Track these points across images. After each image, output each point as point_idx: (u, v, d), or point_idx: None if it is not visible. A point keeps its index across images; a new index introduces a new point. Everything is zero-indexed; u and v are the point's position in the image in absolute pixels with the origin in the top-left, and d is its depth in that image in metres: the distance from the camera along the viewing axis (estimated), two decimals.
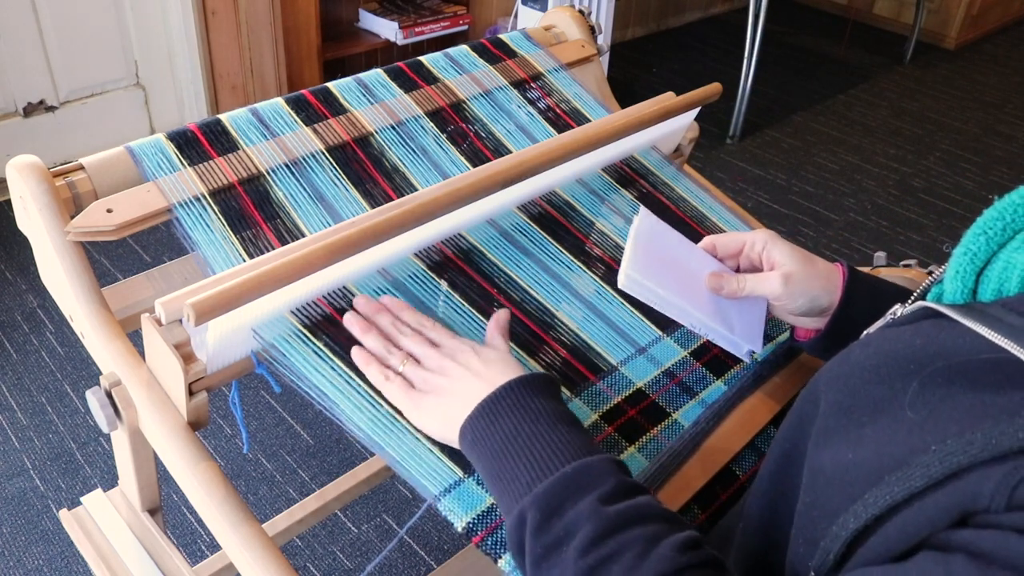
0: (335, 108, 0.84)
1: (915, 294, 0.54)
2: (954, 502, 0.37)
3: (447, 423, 0.58)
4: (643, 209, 0.75)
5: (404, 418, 0.62)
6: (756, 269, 0.72)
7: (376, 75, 0.89)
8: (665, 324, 0.77)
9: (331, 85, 0.86)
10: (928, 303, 0.48)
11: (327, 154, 0.80)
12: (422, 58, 0.93)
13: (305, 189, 0.77)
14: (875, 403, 0.44)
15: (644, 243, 0.71)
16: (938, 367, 0.42)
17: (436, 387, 0.59)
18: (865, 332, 0.55)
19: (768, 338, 0.78)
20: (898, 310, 0.53)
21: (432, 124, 0.87)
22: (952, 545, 0.37)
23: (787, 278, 0.67)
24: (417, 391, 0.60)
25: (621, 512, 0.48)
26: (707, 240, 0.73)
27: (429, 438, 0.62)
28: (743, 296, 0.70)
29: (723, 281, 0.70)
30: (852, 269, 0.69)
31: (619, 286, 0.68)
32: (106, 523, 0.87)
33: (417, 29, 2.63)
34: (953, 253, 0.48)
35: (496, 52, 0.97)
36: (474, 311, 0.72)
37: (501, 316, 0.67)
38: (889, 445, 0.41)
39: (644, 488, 0.52)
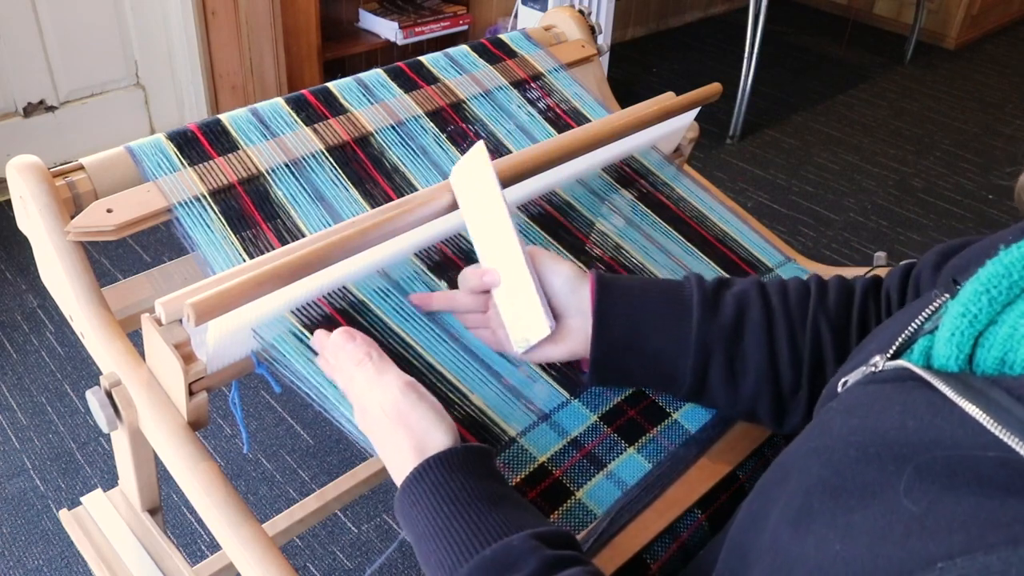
0: (335, 108, 0.84)
1: (895, 345, 0.46)
2: None
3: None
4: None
5: None
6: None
7: (376, 75, 0.89)
8: None
9: (331, 85, 0.86)
10: (915, 369, 0.41)
11: (327, 154, 0.80)
12: (422, 58, 0.93)
13: (305, 189, 0.77)
14: (865, 486, 0.38)
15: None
16: (936, 456, 0.36)
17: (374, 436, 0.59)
18: (840, 381, 0.49)
19: None
20: (879, 363, 0.45)
21: (432, 124, 0.87)
22: None
23: (537, 255, 0.66)
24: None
25: None
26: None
27: None
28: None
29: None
30: (600, 287, 0.64)
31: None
32: (106, 523, 0.87)
33: (417, 29, 2.63)
34: (947, 309, 0.42)
35: (496, 52, 0.97)
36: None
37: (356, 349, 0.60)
38: (885, 542, 0.36)
39: (573, 558, 0.48)
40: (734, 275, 0.84)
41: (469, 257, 0.76)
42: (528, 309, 0.64)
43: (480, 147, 0.67)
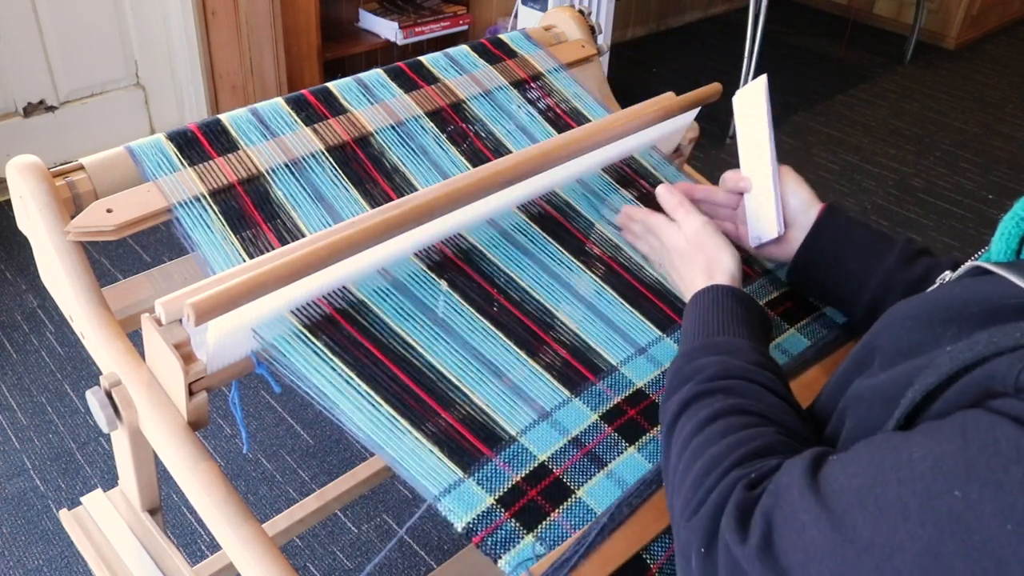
0: (335, 108, 0.84)
1: (966, 265, 0.59)
2: (972, 386, 0.42)
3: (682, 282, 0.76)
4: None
5: (404, 418, 0.62)
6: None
7: (376, 75, 0.89)
8: (665, 324, 0.77)
9: (331, 85, 0.86)
10: (975, 262, 0.52)
11: (327, 154, 0.80)
12: (422, 58, 0.93)
13: (305, 189, 0.77)
14: (915, 346, 0.48)
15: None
16: (973, 311, 0.46)
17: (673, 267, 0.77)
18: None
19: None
20: (947, 276, 0.58)
21: (432, 124, 0.87)
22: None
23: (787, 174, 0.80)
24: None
25: (734, 370, 0.59)
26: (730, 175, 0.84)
27: (429, 438, 0.62)
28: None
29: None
30: (831, 206, 0.78)
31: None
32: (106, 523, 0.87)
33: (417, 29, 2.63)
34: (1002, 219, 0.52)
35: (496, 52, 0.97)
36: (474, 311, 0.72)
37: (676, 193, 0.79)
38: (919, 363, 0.46)
39: (774, 371, 0.60)
40: None
41: (469, 257, 0.76)
42: (767, 214, 0.80)
43: (762, 81, 0.81)
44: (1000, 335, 0.42)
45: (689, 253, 0.74)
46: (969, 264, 0.54)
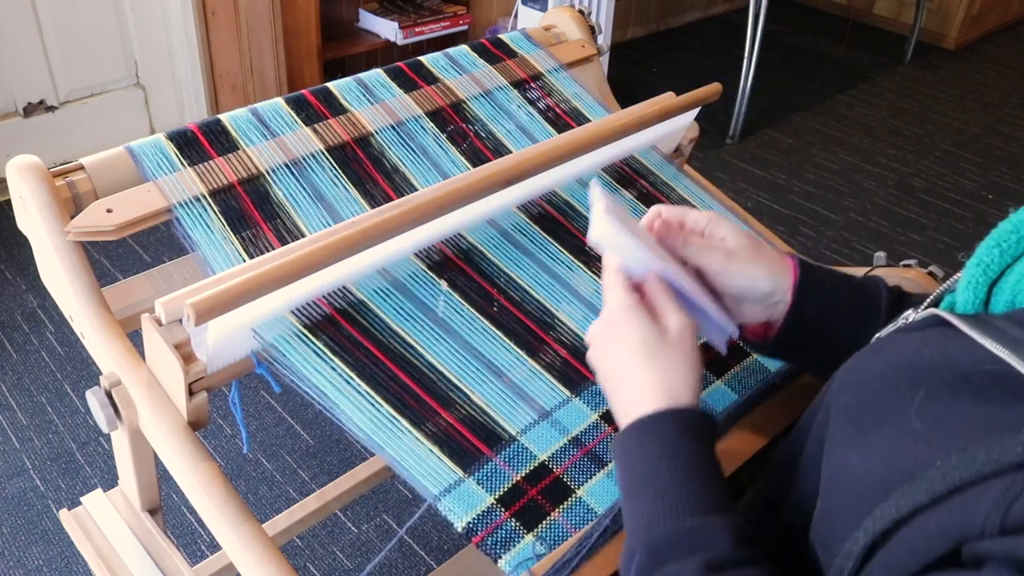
0: (335, 108, 0.84)
1: (928, 300, 0.53)
2: (954, 521, 0.37)
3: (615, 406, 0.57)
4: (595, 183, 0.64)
5: (404, 418, 0.62)
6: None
7: (376, 75, 0.89)
8: None
9: (331, 85, 0.86)
10: (937, 311, 0.48)
11: (327, 154, 0.80)
12: (422, 58, 0.93)
13: (305, 189, 0.77)
14: (882, 411, 0.44)
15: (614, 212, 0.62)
16: (944, 377, 0.42)
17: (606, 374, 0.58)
18: (876, 336, 0.55)
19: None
20: (910, 315, 0.52)
21: (432, 124, 0.87)
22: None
23: (729, 254, 0.63)
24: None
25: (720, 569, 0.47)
26: (654, 208, 0.66)
27: (429, 438, 0.62)
28: (683, 255, 0.64)
29: (669, 226, 0.64)
30: (804, 266, 0.64)
31: (592, 237, 0.60)
32: (106, 523, 0.87)
33: (417, 29, 2.63)
34: (966, 264, 0.48)
35: (496, 52, 0.97)
36: (474, 311, 0.72)
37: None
38: (896, 456, 0.41)
39: (759, 557, 0.48)
40: None
41: (469, 257, 0.76)
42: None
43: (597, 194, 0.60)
44: (1000, 450, 0.37)
45: (612, 353, 0.57)
46: (929, 312, 0.49)
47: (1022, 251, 0.46)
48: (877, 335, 0.55)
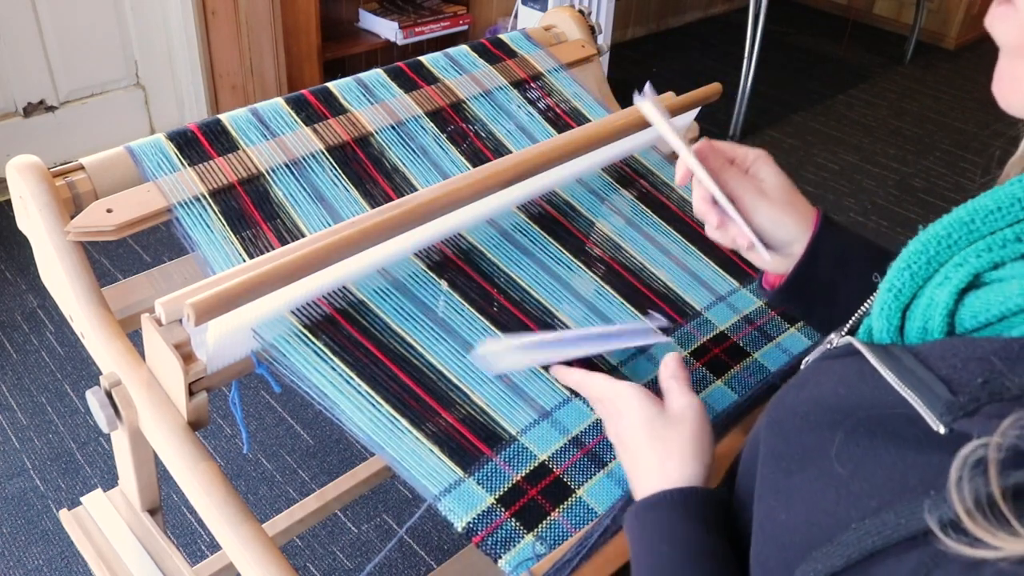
0: (335, 108, 0.84)
1: (850, 322, 0.52)
2: None
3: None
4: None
5: (404, 418, 0.62)
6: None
7: (376, 75, 0.89)
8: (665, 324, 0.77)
9: (331, 85, 0.86)
10: (853, 340, 0.45)
11: (327, 154, 0.80)
12: (422, 58, 0.93)
13: (305, 189, 0.77)
14: (805, 453, 0.42)
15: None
16: (860, 418, 0.40)
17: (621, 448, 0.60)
18: (804, 361, 0.53)
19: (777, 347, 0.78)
20: (833, 339, 0.50)
21: (432, 124, 0.87)
22: None
23: (760, 189, 0.65)
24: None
25: None
26: (703, 143, 0.68)
27: (429, 438, 0.62)
28: (721, 177, 0.65)
29: (713, 147, 0.67)
30: (826, 221, 0.64)
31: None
32: (106, 523, 0.87)
33: (417, 29, 2.63)
34: (879, 288, 0.45)
35: (496, 52, 0.97)
36: (474, 311, 0.72)
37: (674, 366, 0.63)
38: (817, 505, 0.40)
39: None
40: (733, 275, 0.84)
41: (469, 257, 0.76)
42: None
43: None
44: (908, 514, 0.35)
45: (617, 430, 0.60)
46: (845, 340, 0.47)
47: (932, 272, 0.43)
48: (805, 360, 0.53)
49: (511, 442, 0.64)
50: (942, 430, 0.36)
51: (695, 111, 0.92)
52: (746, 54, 2.67)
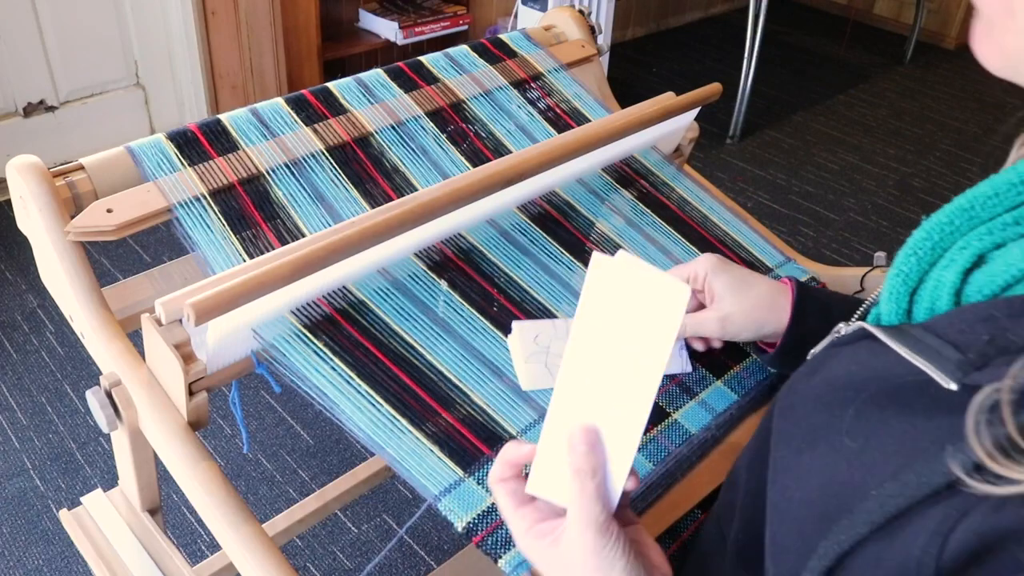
0: (335, 108, 0.84)
1: (857, 313, 0.54)
2: (894, 553, 0.36)
3: None
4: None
5: (404, 418, 0.62)
6: (699, 304, 0.71)
7: (376, 75, 0.89)
8: None
9: (331, 85, 0.86)
10: (864, 324, 0.47)
11: (327, 154, 0.80)
12: (422, 58, 0.93)
13: (305, 189, 0.77)
14: (815, 432, 0.43)
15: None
16: (871, 392, 0.41)
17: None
18: (811, 352, 0.54)
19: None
20: (841, 328, 0.52)
21: (432, 124, 0.87)
22: None
23: (724, 320, 0.67)
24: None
25: None
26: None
27: (429, 438, 0.62)
28: (683, 337, 0.69)
29: None
30: (800, 287, 0.67)
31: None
32: (106, 523, 0.87)
33: (417, 29, 2.63)
34: (887, 275, 0.48)
35: (496, 52, 0.97)
36: (474, 311, 0.72)
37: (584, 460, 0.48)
38: (831, 478, 0.41)
39: None
40: None
41: (469, 256, 0.76)
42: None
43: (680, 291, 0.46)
44: (929, 472, 0.36)
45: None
46: (858, 325, 0.48)
47: (936, 257, 0.45)
48: (812, 351, 0.54)
49: None
50: (954, 387, 0.37)
51: (695, 111, 0.92)
52: (746, 54, 2.67)
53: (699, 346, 0.73)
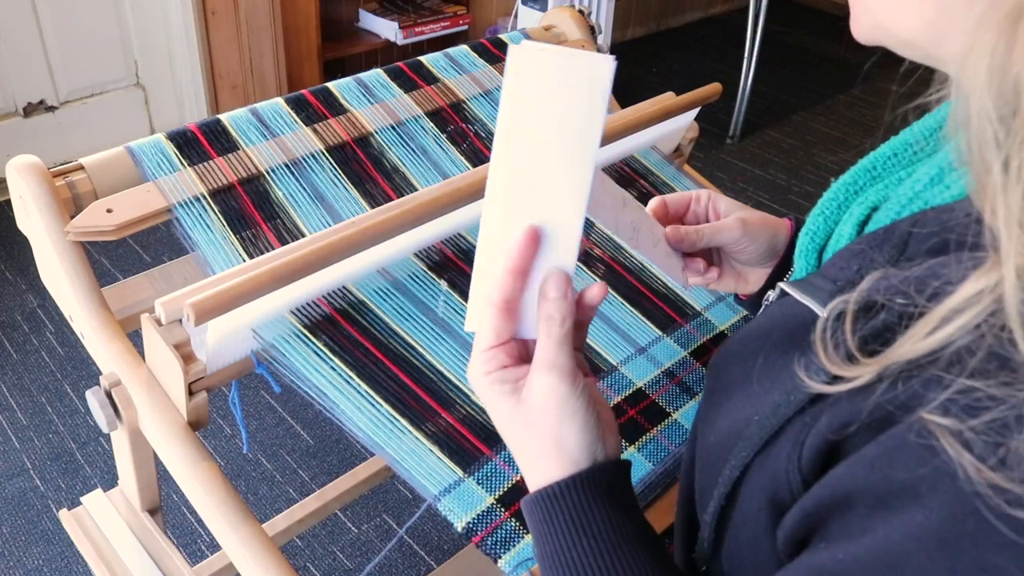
0: (335, 108, 0.84)
1: (786, 278, 0.55)
2: (767, 471, 0.39)
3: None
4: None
5: (404, 418, 0.62)
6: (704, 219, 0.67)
7: (376, 75, 0.89)
8: (666, 324, 0.77)
9: (331, 85, 0.86)
10: (780, 284, 0.49)
11: (327, 154, 0.80)
12: (422, 58, 0.93)
13: (305, 189, 0.77)
14: (732, 383, 0.46)
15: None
16: (776, 339, 0.43)
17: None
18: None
19: None
20: (770, 295, 0.54)
21: (432, 124, 0.87)
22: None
23: (743, 222, 0.62)
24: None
25: None
26: (657, 199, 0.64)
27: (429, 438, 0.62)
28: (702, 247, 0.63)
29: (682, 234, 0.61)
30: (799, 222, 0.63)
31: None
32: (106, 523, 0.87)
33: (417, 29, 2.63)
34: (799, 235, 0.50)
35: (496, 52, 0.97)
36: None
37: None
38: (736, 421, 0.43)
39: None
40: None
41: (468, 256, 0.76)
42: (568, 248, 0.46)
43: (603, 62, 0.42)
44: (791, 390, 0.38)
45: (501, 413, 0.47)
46: (779, 287, 0.49)
47: (842, 215, 0.48)
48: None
49: None
50: (824, 314, 0.39)
51: (695, 111, 0.92)
52: (746, 54, 2.67)
53: (698, 281, 0.64)
